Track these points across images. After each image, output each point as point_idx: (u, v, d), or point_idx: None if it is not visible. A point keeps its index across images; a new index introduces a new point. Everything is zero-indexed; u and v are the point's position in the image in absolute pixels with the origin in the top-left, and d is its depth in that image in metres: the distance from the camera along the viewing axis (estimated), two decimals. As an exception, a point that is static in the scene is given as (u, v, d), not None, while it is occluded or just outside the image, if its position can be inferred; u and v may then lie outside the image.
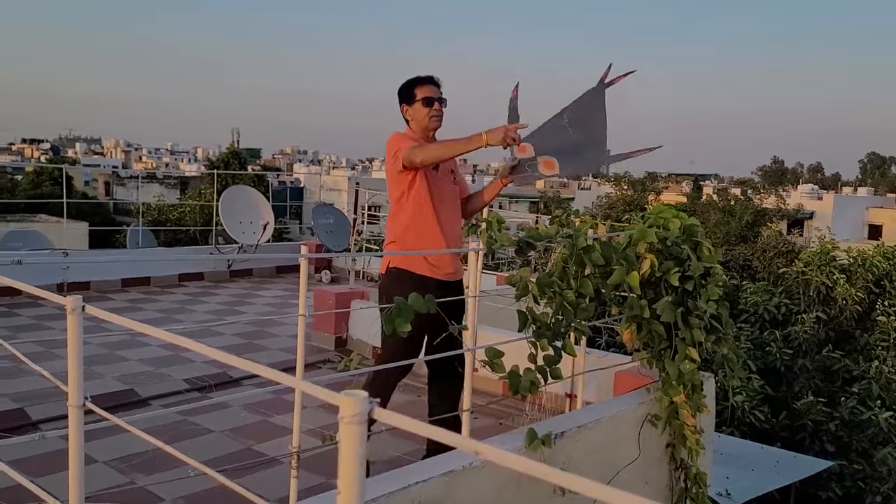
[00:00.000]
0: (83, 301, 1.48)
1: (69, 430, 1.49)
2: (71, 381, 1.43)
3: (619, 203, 31.08)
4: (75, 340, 1.42)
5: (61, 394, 4.56)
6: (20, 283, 1.73)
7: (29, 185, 38.49)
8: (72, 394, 1.44)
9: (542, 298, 2.96)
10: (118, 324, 1.42)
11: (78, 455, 1.47)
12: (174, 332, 1.47)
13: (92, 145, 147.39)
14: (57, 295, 1.54)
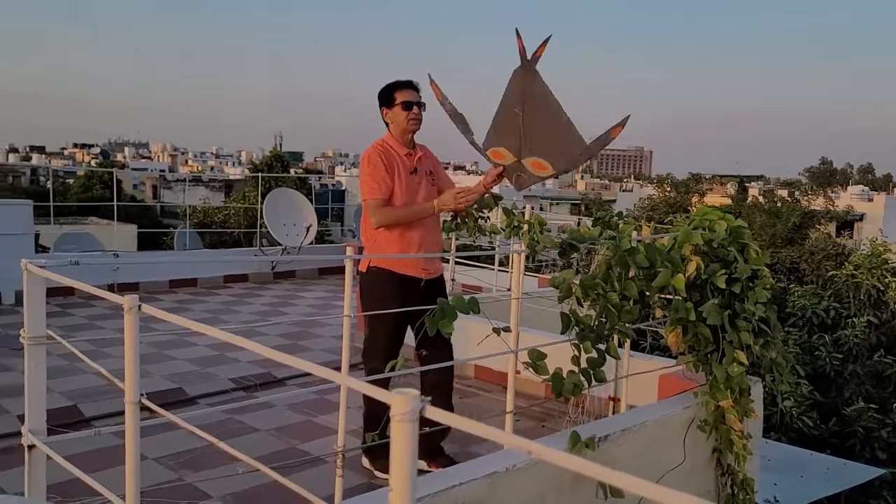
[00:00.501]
0: (142, 300, 1.53)
1: (126, 426, 1.54)
2: (128, 378, 1.48)
3: (662, 205, 30.69)
4: (132, 338, 1.46)
5: (113, 391, 4.69)
6: (79, 282, 1.78)
7: (80, 189, 39.57)
8: (128, 390, 1.48)
9: (585, 301, 2.95)
10: (174, 323, 1.46)
11: (134, 450, 1.51)
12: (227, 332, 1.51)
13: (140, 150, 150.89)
14: (115, 294, 1.59)
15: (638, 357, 4.21)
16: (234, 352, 5.55)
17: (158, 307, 5.99)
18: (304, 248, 9.07)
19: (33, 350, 1.87)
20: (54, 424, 3.87)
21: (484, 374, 5.30)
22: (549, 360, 2.83)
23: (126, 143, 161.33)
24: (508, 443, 0.77)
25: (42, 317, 1.89)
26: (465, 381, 5.28)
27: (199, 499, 3.32)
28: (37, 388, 1.89)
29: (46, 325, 1.99)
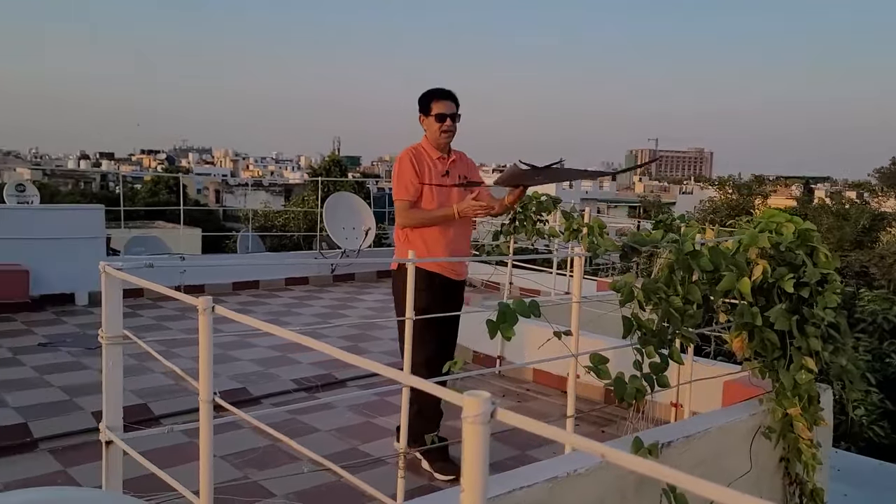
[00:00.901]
0: (215, 301, 1.58)
1: (200, 424, 1.59)
2: (202, 376, 1.53)
3: (724, 207, 30.02)
4: (206, 338, 1.51)
5: (180, 390, 4.83)
6: (155, 284, 1.84)
7: (147, 194, 40.81)
8: (203, 389, 1.53)
9: (647, 305, 2.91)
10: (238, 324, 1.50)
11: (208, 447, 1.56)
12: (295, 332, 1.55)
13: (203, 155, 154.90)
14: (190, 296, 1.64)
15: (701, 362, 4.14)
16: (296, 353, 5.65)
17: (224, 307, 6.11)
18: (362, 251, 9.18)
19: (111, 349, 1.94)
20: (126, 422, 4.02)
21: (542, 377, 5.27)
22: (609, 365, 2.80)
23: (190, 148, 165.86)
24: (580, 446, 0.77)
25: (119, 317, 1.97)
26: (524, 385, 5.27)
27: (264, 497, 3.39)
28: (114, 386, 1.96)
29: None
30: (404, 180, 3.70)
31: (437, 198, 3.73)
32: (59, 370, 5.06)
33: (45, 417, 4.14)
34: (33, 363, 5.22)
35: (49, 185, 40.42)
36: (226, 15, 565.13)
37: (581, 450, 0.74)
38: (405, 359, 2.75)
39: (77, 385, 4.73)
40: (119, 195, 9.54)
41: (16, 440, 3.85)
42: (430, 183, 3.76)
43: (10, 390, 4.59)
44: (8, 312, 6.74)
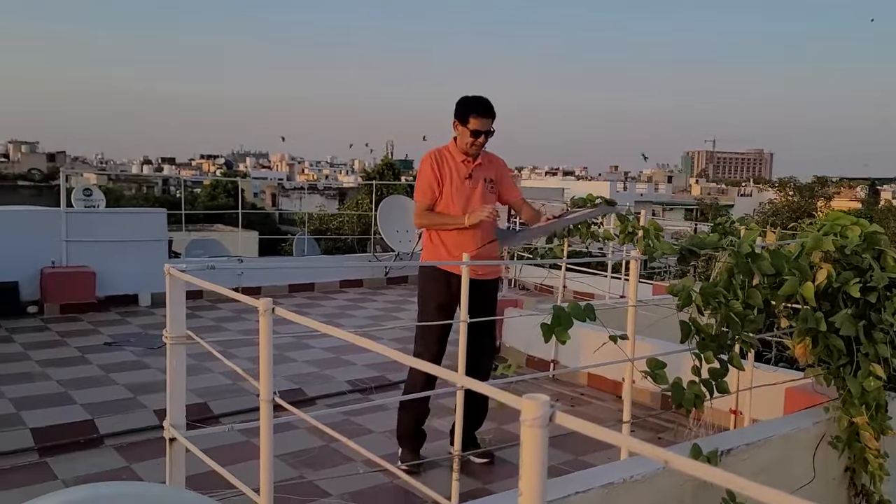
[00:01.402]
0: (275, 303, 1.61)
1: (261, 423, 1.62)
2: (262, 376, 1.56)
3: (785, 210, 29.24)
4: (266, 339, 1.54)
5: (238, 390, 4.92)
6: (217, 286, 1.89)
7: (207, 198, 41.84)
8: (263, 388, 1.56)
9: (706, 309, 2.85)
10: (296, 326, 1.52)
11: (268, 446, 1.59)
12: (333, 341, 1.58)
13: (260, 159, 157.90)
14: (251, 298, 1.67)
15: (762, 368, 4.03)
16: (350, 355, 5.71)
17: (280, 310, 6.14)
18: (415, 254, 9.23)
19: (175, 349, 2.00)
20: (187, 420, 4.13)
21: (597, 382, 5.22)
22: (666, 370, 2.75)
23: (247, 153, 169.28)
24: (642, 451, 0.76)
25: (182, 318, 2.02)
26: (578, 389, 5.22)
27: (320, 496, 3.43)
28: (178, 385, 2.02)
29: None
30: (423, 184, 3.79)
31: (459, 201, 3.77)
32: (123, 369, 5.22)
33: (110, 414, 4.27)
34: (99, 362, 5.40)
35: (114, 190, 41.76)
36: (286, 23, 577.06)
37: (643, 455, 0.73)
38: (459, 361, 2.76)
39: (140, 383, 4.87)
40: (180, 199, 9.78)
41: (83, 436, 3.99)
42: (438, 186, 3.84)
43: (77, 388, 4.75)
44: (76, 312, 6.99)
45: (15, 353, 5.58)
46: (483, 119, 3.74)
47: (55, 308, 6.96)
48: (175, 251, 10.24)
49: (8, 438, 3.85)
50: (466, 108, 3.76)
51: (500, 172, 3.97)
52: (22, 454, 3.75)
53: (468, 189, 3.79)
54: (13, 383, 4.79)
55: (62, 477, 3.54)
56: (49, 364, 5.28)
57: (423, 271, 3.93)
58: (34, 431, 3.94)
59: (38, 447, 3.82)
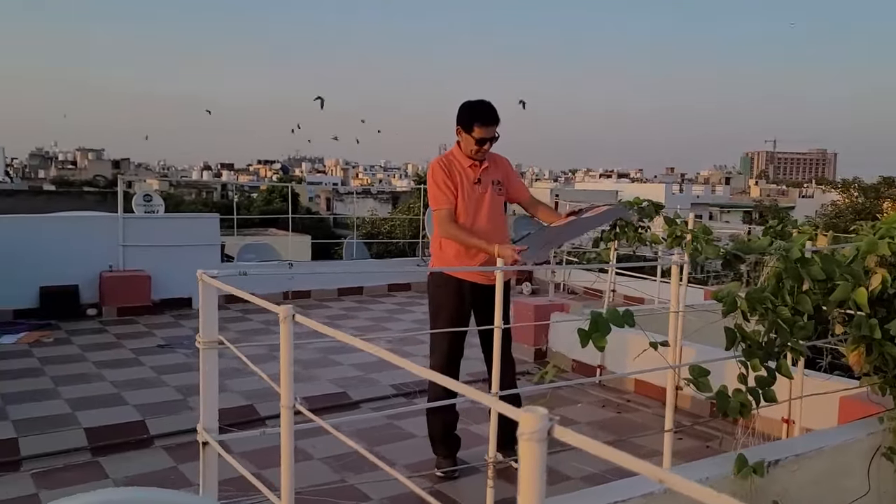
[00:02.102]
0: (295, 310, 1.61)
1: (281, 430, 1.62)
2: (283, 383, 1.56)
3: (848, 211, 28.29)
4: (287, 346, 1.54)
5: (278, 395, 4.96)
6: (243, 292, 1.91)
7: (262, 202, 42.63)
8: (284, 395, 1.57)
9: (752, 315, 2.76)
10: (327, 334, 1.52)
11: (289, 452, 1.59)
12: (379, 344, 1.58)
13: (315, 164, 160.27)
14: (273, 304, 1.69)
15: (815, 377, 3.90)
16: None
17: (327, 314, 6.34)
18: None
19: (207, 354, 2.02)
20: (232, 423, 4.19)
21: (644, 388, 5.12)
22: (715, 378, 2.68)
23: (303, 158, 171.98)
24: (642, 471, 0.73)
25: (214, 323, 2.04)
26: (625, 395, 5.13)
27: (360, 500, 3.44)
28: (210, 389, 2.04)
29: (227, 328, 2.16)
30: (438, 190, 3.71)
31: (471, 207, 3.73)
32: (174, 371, 5.34)
33: (161, 415, 4.37)
34: (152, 363, 5.54)
35: (175, 195, 42.92)
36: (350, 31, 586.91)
37: (641, 473, 0.70)
38: (493, 373, 2.73)
39: (190, 385, 4.98)
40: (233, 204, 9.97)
41: (134, 436, 4.09)
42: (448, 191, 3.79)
43: (130, 389, 4.88)
44: (132, 315, 7.20)
45: (73, 355, 5.76)
46: (488, 127, 3.67)
47: (113, 311, 7.18)
48: (228, 255, 10.47)
49: (63, 438, 3.97)
50: (470, 116, 3.68)
51: (507, 172, 3.91)
52: (75, 453, 3.86)
53: (478, 194, 3.76)
54: (70, 384, 4.95)
55: (113, 476, 3.63)
56: (104, 365, 5.44)
57: (433, 278, 3.88)
58: (88, 431, 4.06)
59: (91, 447, 3.93)
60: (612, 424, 4.56)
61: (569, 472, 3.78)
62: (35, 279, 7.00)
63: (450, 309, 3.74)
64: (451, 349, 3.78)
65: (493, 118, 3.70)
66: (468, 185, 3.75)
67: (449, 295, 3.78)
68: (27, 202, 29.32)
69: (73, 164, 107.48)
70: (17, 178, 65.06)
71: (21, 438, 3.91)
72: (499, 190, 3.84)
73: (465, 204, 3.74)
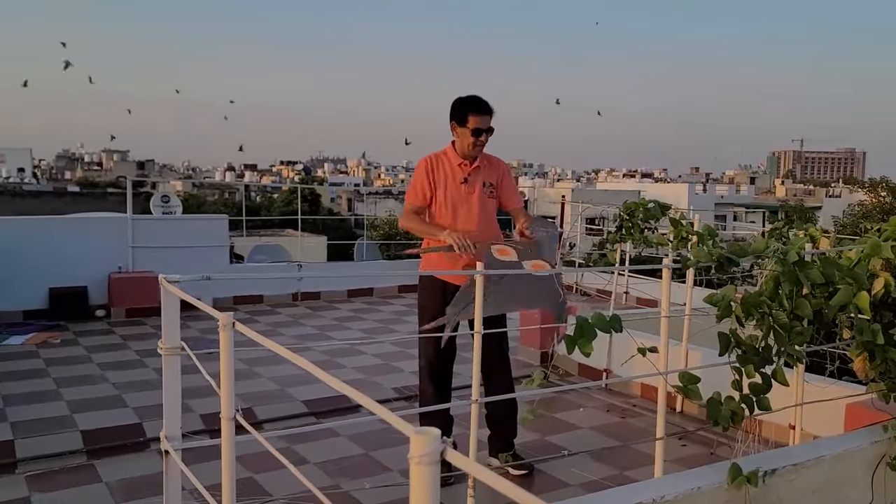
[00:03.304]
0: (236, 317, 1.56)
1: (222, 442, 1.57)
2: (223, 394, 1.51)
3: (876, 211, 27.76)
4: (227, 354, 1.49)
5: (283, 396, 4.93)
6: (196, 299, 1.86)
7: (282, 203, 42.85)
8: (224, 406, 1.51)
9: (748, 320, 2.68)
10: (263, 344, 1.47)
11: (229, 464, 1.53)
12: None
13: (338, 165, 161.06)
14: (214, 310, 1.64)
15: (821, 382, 3.78)
16: (399, 361, 5.68)
17: (336, 315, 6.27)
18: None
19: (169, 360, 1.98)
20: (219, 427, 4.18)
21: (651, 392, 5.01)
22: (717, 383, 2.59)
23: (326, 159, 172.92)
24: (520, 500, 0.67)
25: (176, 329, 2.01)
26: (631, 400, 5.03)
27: (351, 506, 3.39)
28: (172, 397, 2.00)
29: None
30: (413, 186, 3.77)
31: (452, 207, 3.71)
32: (177, 373, 5.33)
33: (158, 418, 4.33)
34: (156, 365, 5.53)
35: (198, 196, 43.28)
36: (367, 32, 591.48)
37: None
38: (474, 375, 2.68)
39: (191, 388, 4.88)
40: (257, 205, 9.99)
41: (130, 439, 4.08)
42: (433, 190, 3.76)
43: (131, 391, 4.88)
44: (141, 316, 7.22)
45: (79, 356, 5.79)
46: (482, 116, 3.64)
47: (121, 312, 7.20)
48: (239, 254, 10.49)
49: (59, 440, 3.97)
50: (463, 107, 3.66)
51: (501, 176, 3.83)
52: (71, 456, 3.85)
53: (464, 194, 3.71)
54: (72, 385, 4.96)
55: (106, 480, 3.62)
56: (108, 367, 5.45)
57: (420, 281, 3.89)
58: (84, 434, 4.05)
59: (87, 449, 3.92)
60: (615, 429, 4.48)
61: (567, 480, 3.71)
62: (44, 280, 7.05)
63: (434, 311, 3.65)
64: (437, 353, 3.73)
65: (487, 108, 3.67)
66: (453, 185, 3.71)
67: (434, 297, 3.74)
68: (50, 203, 29.70)
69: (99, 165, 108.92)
70: (43, 180, 66.05)
71: (17, 440, 3.92)
72: (490, 192, 3.77)
73: (445, 203, 3.71)
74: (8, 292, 6.87)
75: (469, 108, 3.65)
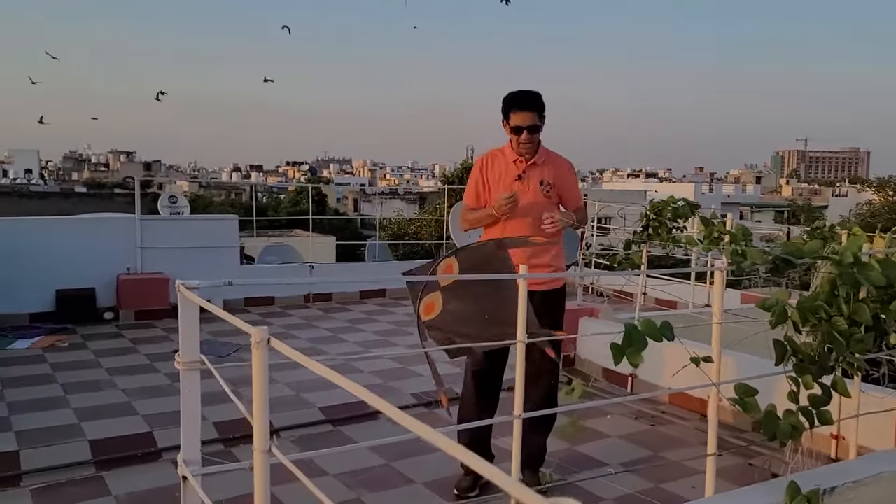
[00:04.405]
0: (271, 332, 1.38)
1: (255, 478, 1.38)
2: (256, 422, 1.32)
3: (885, 211, 27.50)
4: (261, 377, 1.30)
5: (299, 404, 4.73)
6: (222, 310, 1.68)
7: (289, 203, 42.71)
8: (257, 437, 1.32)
9: (804, 326, 2.49)
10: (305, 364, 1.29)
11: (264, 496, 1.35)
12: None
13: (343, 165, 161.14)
14: (245, 323, 1.46)
15: (872, 391, 3.59)
16: (416, 365, 5.50)
17: (349, 318, 6.06)
18: (489, 260, 8.94)
19: (188, 376, 1.81)
20: (236, 437, 3.99)
21: (679, 399, 4.82)
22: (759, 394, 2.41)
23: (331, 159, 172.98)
24: None
25: (196, 341, 1.83)
26: (659, 407, 4.84)
27: (374, 522, 3.21)
28: (191, 416, 1.82)
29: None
30: (469, 187, 3.72)
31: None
32: (188, 378, 5.15)
33: (170, 427, 4.17)
34: (167, 370, 5.37)
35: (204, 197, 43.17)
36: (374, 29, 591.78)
37: None
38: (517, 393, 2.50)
39: (204, 394, 4.78)
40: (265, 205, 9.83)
41: (140, 449, 3.90)
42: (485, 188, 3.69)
43: (141, 397, 4.70)
44: (150, 319, 7.05)
45: (87, 361, 5.61)
46: (523, 113, 3.46)
47: (130, 314, 7.04)
48: (249, 256, 10.32)
49: (66, 451, 3.80)
50: (507, 104, 3.52)
51: (561, 175, 3.63)
52: (78, 467, 3.68)
53: (518, 191, 3.52)
54: (80, 392, 4.79)
55: (115, 493, 3.44)
56: (117, 372, 5.28)
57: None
58: (92, 444, 3.88)
59: (95, 460, 3.75)
60: (646, 438, 4.29)
61: (602, 494, 3.53)
62: (51, 282, 6.87)
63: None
64: (480, 357, 3.53)
65: (529, 104, 3.48)
66: (508, 182, 3.56)
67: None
68: (57, 204, 29.63)
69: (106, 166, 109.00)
70: (50, 181, 66.07)
71: (23, 451, 3.74)
72: (546, 191, 3.57)
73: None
74: (14, 294, 6.71)
75: (511, 104, 3.49)
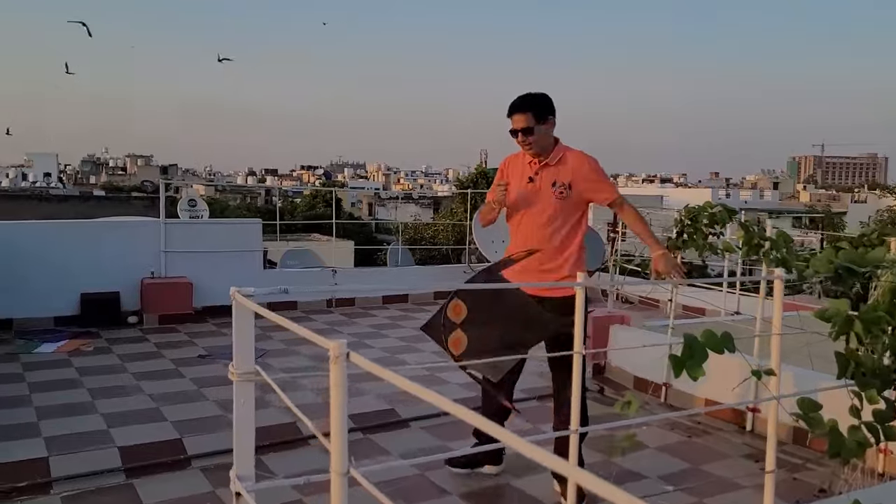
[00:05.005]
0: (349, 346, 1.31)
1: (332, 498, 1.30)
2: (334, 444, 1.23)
3: (907, 217, 27.15)
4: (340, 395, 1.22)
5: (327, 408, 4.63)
6: (290, 322, 1.61)
7: (305, 207, 42.80)
8: (335, 459, 1.24)
9: (865, 338, 2.39)
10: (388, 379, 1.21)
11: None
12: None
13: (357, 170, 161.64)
14: (320, 337, 1.39)
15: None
16: (445, 373, 5.42)
17: (373, 322, 5.98)
18: (512, 266, 8.84)
19: (242, 387, 1.73)
20: (272, 442, 3.92)
21: (715, 409, 4.70)
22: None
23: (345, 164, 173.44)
24: None
25: (251, 350, 1.75)
26: (695, 417, 4.72)
27: (412, 536, 3.13)
28: (246, 429, 1.75)
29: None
30: (493, 186, 3.70)
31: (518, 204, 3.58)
32: (215, 383, 5.08)
33: (199, 434, 4.11)
34: (192, 375, 5.31)
35: (220, 201, 43.32)
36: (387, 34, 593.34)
37: None
38: (573, 389, 2.40)
39: (230, 400, 4.71)
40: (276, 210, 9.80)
41: (170, 456, 3.84)
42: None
43: (169, 403, 4.65)
44: (174, 323, 7.01)
45: (112, 366, 5.57)
46: (515, 116, 3.50)
47: (154, 318, 7.00)
48: (271, 260, 10.27)
49: (95, 458, 3.74)
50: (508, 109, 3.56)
51: (577, 174, 3.49)
52: (108, 475, 3.62)
53: (529, 192, 3.53)
54: (107, 397, 4.74)
55: (146, 502, 3.38)
56: (143, 377, 5.23)
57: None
58: (122, 450, 3.83)
59: (125, 468, 3.69)
60: (684, 450, 4.18)
61: None
62: (76, 286, 6.85)
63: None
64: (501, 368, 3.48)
65: (520, 106, 3.49)
66: (520, 183, 3.57)
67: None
68: (75, 207, 29.80)
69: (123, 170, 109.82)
70: (69, 184, 66.57)
71: (52, 458, 3.69)
72: (560, 192, 3.48)
73: (515, 201, 3.58)
74: (38, 298, 6.69)
75: (508, 108, 3.54)
